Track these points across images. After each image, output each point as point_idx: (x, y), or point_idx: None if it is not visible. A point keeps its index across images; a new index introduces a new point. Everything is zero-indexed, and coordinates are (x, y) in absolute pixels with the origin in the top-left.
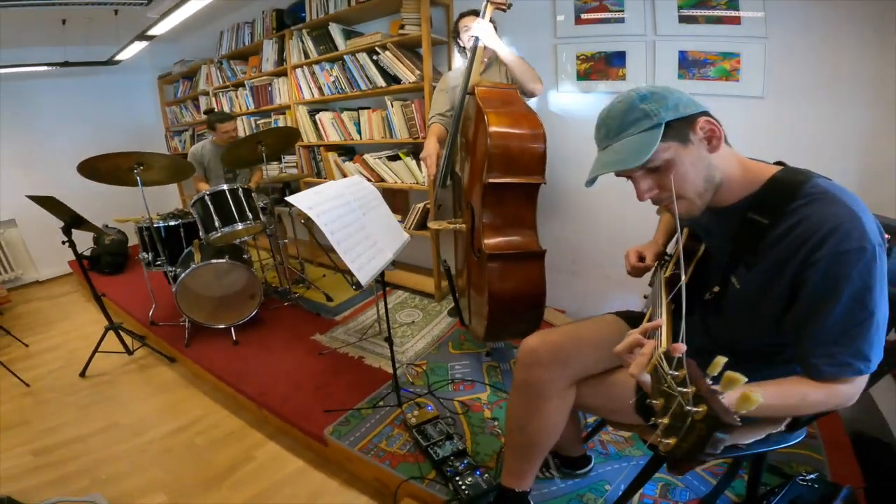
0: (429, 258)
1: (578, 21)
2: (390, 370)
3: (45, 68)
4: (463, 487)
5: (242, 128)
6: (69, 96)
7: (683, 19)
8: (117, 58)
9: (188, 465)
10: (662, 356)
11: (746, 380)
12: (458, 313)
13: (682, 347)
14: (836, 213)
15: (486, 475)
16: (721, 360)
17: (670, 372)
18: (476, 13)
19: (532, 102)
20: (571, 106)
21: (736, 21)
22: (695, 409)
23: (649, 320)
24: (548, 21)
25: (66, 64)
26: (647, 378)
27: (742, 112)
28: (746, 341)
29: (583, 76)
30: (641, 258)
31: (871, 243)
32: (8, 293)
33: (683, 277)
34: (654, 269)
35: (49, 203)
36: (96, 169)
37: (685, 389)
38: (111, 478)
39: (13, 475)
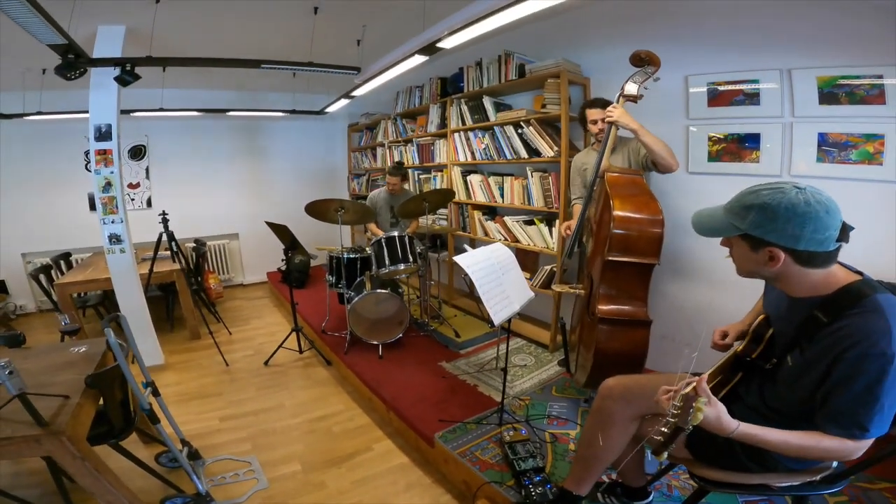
0: (548, 313)
1: (711, 102)
2: (498, 398)
3: (279, 113)
4: (533, 494)
5: (411, 180)
6: (288, 135)
7: (824, 99)
8: (327, 110)
9: (322, 446)
10: (681, 396)
11: (704, 411)
12: (567, 364)
13: (700, 385)
14: (872, 325)
15: (555, 490)
16: (701, 401)
17: (674, 403)
18: (597, 104)
19: (662, 182)
20: (701, 187)
21: (881, 101)
22: (672, 420)
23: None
24: (680, 103)
25: (293, 112)
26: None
27: (884, 199)
28: (787, 405)
29: (714, 157)
30: (725, 335)
31: (894, 351)
32: (223, 290)
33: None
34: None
35: (280, 230)
36: (313, 207)
37: (675, 411)
38: (267, 445)
39: (203, 433)
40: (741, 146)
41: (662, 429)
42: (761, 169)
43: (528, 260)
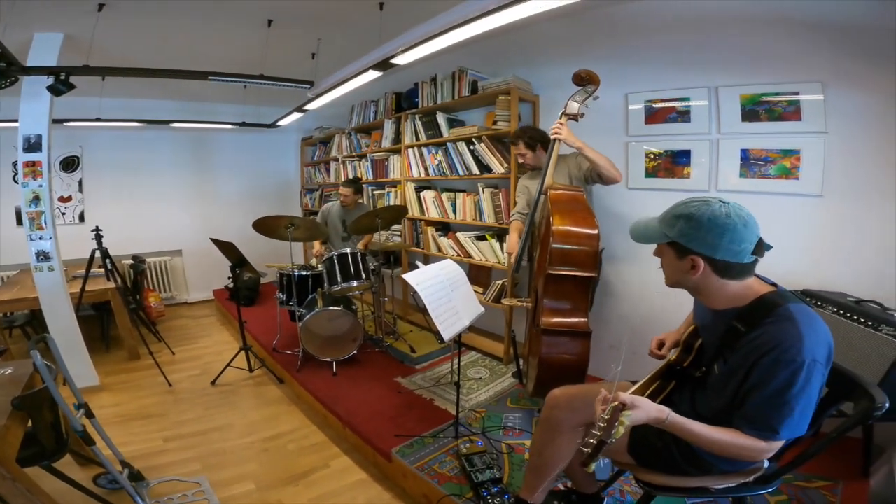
0: (502, 327)
1: (648, 120)
2: (454, 412)
3: (227, 126)
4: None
5: (365, 195)
6: (237, 148)
7: (746, 116)
8: (279, 123)
9: (277, 464)
10: (610, 408)
11: (629, 423)
12: (520, 375)
13: (622, 398)
14: (785, 332)
15: (512, 499)
16: (626, 412)
17: (602, 416)
18: (516, 143)
19: (605, 199)
20: (640, 202)
21: (797, 117)
22: (597, 433)
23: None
24: (620, 120)
25: (243, 124)
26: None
27: (800, 211)
28: (714, 412)
29: (650, 173)
30: (661, 344)
31: (804, 358)
32: (164, 308)
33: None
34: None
35: (226, 247)
36: (262, 224)
37: (602, 424)
38: (217, 465)
39: (145, 455)
40: (674, 162)
41: (590, 440)
42: (692, 184)
43: (480, 275)
